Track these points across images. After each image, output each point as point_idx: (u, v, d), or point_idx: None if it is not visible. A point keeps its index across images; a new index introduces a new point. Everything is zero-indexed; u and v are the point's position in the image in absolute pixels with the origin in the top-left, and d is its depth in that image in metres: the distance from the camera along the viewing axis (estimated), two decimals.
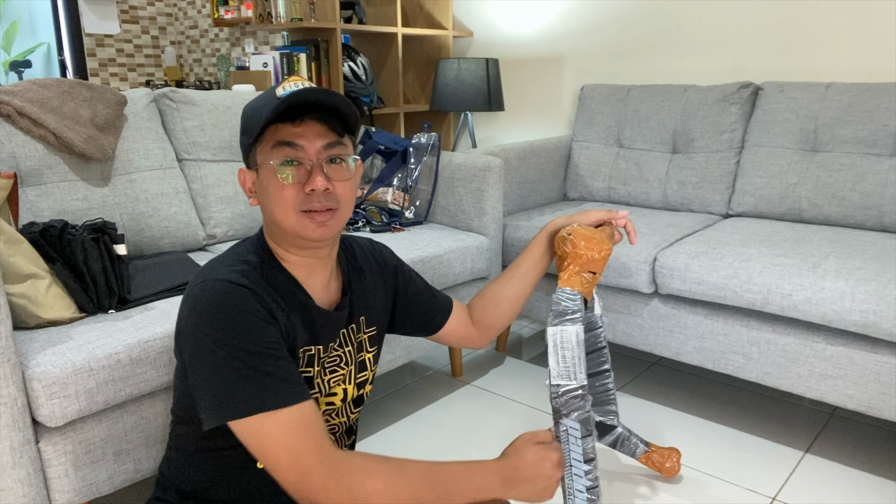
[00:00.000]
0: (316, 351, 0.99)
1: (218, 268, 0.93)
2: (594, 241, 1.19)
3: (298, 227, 0.93)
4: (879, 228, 2.03)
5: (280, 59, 2.92)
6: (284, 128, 0.92)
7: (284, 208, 0.92)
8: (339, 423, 1.07)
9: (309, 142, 0.92)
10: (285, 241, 0.97)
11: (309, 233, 0.93)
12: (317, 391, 1.01)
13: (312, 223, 0.93)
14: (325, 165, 0.93)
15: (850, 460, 1.75)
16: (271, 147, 0.92)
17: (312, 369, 0.99)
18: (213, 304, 0.87)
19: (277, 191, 0.92)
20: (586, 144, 2.66)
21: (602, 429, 1.62)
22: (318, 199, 0.92)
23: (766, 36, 2.47)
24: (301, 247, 0.97)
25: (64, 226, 1.43)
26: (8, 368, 1.15)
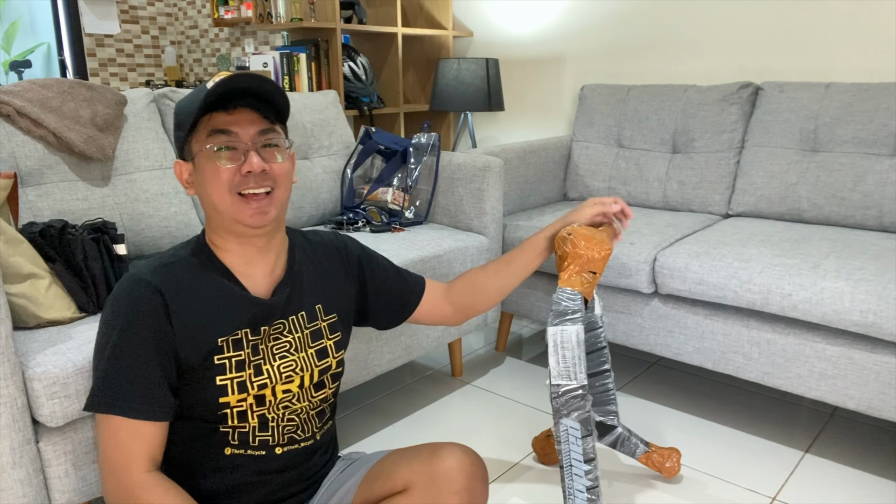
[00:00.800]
0: (243, 335, 1.00)
1: (143, 264, 0.99)
2: (594, 241, 1.19)
3: (235, 210, 0.96)
4: (879, 228, 2.03)
5: (280, 59, 2.92)
6: (218, 116, 0.95)
7: (221, 191, 0.95)
8: (302, 408, 1.07)
9: (242, 128, 0.95)
10: (223, 229, 1.00)
11: (245, 217, 0.96)
12: (265, 377, 1.02)
13: (249, 208, 0.96)
14: (259, 149, 0.96)
15: (850, 460, 1.75)
16: (206, 136, 0.95)
17: (242, 352, 1.00)
18: (113, 297, 0.95)
19: (214, 175, 0.95)
20: (586, 144, 2.66)
21: (602, 429, 1.62)
22: (254, 179, 0.95)
23: (766, 36, 2.47)
24: (239, 234, 0.99)
25: (64, 226, 1.43)
26: (8, 368, 1.15)
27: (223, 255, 1.02)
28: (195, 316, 0.97)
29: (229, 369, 0.99)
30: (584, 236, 1.19)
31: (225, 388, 0.98)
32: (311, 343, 1.08)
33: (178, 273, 0.98)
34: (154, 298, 0.94)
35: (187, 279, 0.98)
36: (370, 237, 2.03)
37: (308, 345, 1.08)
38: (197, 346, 0.96)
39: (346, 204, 2.27)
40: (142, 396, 0.92)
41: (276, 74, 2.94)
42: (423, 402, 2.09)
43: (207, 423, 1.00)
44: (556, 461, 1.28)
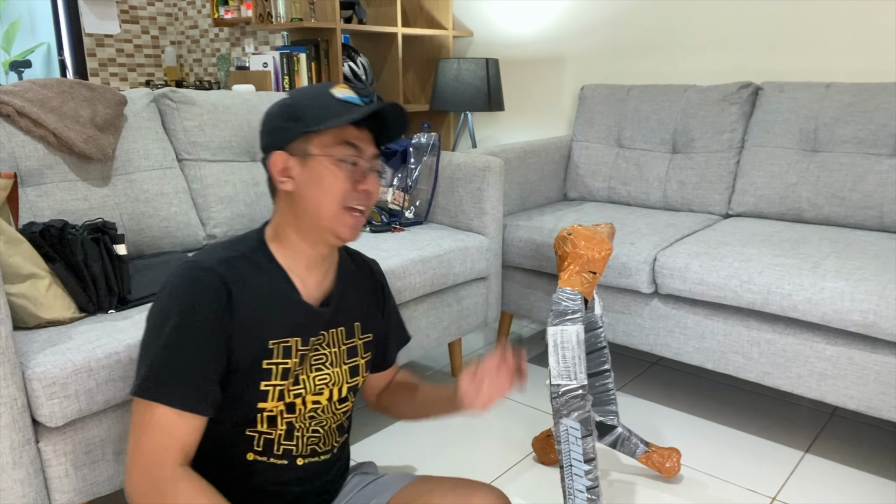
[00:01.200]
0: (293, 343, 1.00)
1: (208, 252, 0.98)
2: (594, 241, 1.19)
3: (337, 221, 0.98)
4: (879, 228, 2.03)
5: (280, 59, 2.92)
6: (349, 130, 0.98)
7: (332, 200, 0.97)
8: (326, 419, 1.08)
9: (366, 147, 1.00)
10: (304, 231, 1.00)
11: (344, 230, 0.98)
12: (301, 387, 1.02)
13: (350, 222, 0.98)
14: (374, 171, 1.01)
15: (850, 460, 1.75)
16: (335, 143, 0.97)
17: (290, 361, 1.00)
18: (178, 283, 0.93)
19: (332, 182, 0.96)
20: (586, 144, 2.66)
21: (602, 429, 1.62)
22: (363, 198, 0.99)
23: (766, 36, 2.47)
24: (319, 240, 1.01)
25: (64, 226, 1.43)
26: (8, 368, 1.15)
27: (284, 257, 1.02)
28: (253, 314, 0.96)
29: (275, 376, 0.98)
30: (584, 236, 1.19)
31: (266, 394, 0.98)
32: (346, 359, 1.09)
33: (242, 268, 0.98)
34: (220, 290, 0.93)
35: (251, 277, 0.98)
36: (370, 237, 2.03)
37: (343, 361, 1.08)
38: (250, 346, 0.96)
39: None
40: (190, 387, 0.90)
41: (275, 74, 2.94)
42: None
43: (236, 425, 1.00)
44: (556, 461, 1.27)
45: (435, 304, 2.00)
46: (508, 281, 2.30)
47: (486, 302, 2.19)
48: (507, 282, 2.30)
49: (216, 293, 0.93)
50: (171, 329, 0.91)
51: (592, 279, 1.21)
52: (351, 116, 0.95)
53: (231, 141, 2.02)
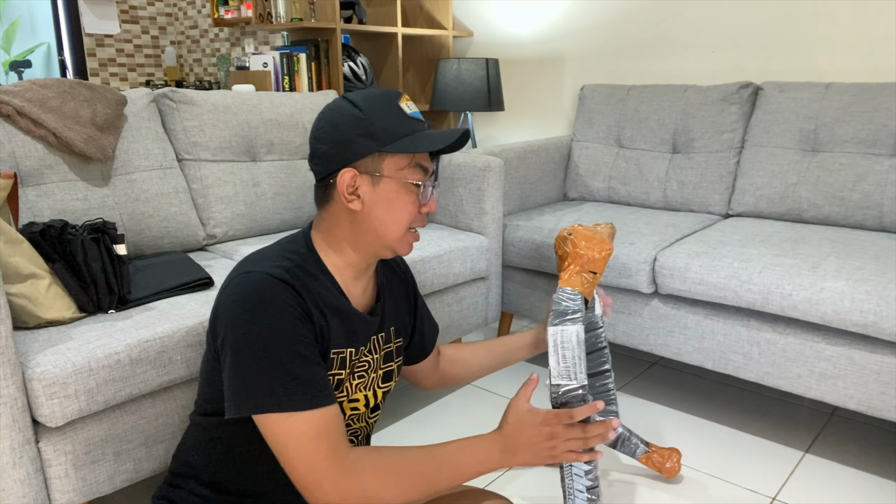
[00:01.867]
0: (348, 353, 1.00)
1: (262, 260, 0.95)
2: (595, 241, 1.18)
3: (400, 242, 1.00)
4: (879, 228, 2.03)
5: (280, 59, 2.92)
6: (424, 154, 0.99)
7: (401, 223, 0.98)
8: (360, 428, 1.08)
9: (430, 167, 1.01)
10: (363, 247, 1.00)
11: (404, 249, 1.00)
12: (344, 394, 1.02)
13: (412, 240, 1.01)
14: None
15: (850, 460, 1.75)
16: (408, 165, 0.97)
17: (343, 371, 1.00)
18: (253, 296, 0.89)
19: (405, 206, 0.97)
20: (586, 144, 2.66)
21: None
22: (425, 219, 1.02)
23: (766, 36, 2.47)
24: (375, 255, 1.02)
25: (64, 226, 1.43)
26: (8, 368, 1.15)
27: (333, 266, 1.01)
28: (320, 324, 0.95)
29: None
30: (584, 236, 1.19)
31: None
32: (382, 364, 1.09)
33: (301, 276, 0.95)
34: (296, 296, 0.92)
35: (309, 284, 0.96)
36: None
37: (380, 366, 1.08)
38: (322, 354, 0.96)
39: None
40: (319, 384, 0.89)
41: (275, 74, 2.94)
42: (424, 402, 2.09)
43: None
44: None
45: (435, 304, 2.00)
46: (508, 281, 2.30)
47: (485, 302, 2.19)
48: (506, 282, 2.30)
49: (294, 299, 0.91)
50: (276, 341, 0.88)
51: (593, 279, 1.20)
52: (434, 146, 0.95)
53: (231, 141, 2.02)
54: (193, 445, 1.04)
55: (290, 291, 0.91)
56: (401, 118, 0.96)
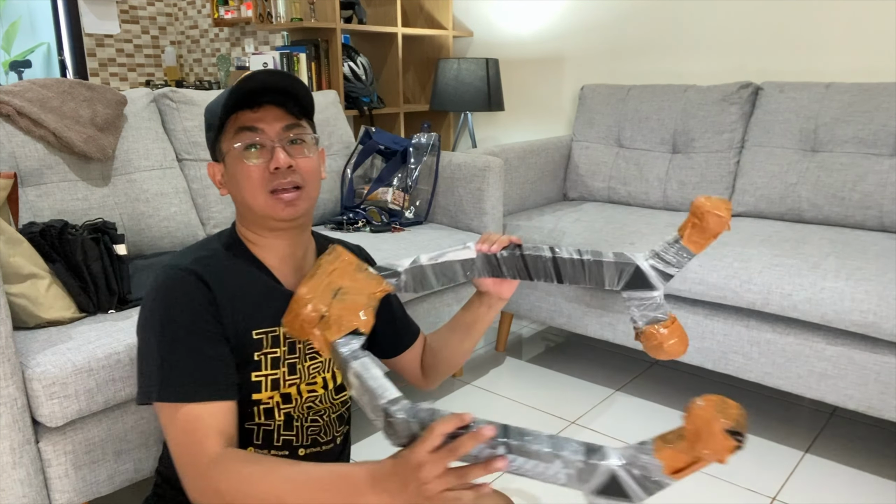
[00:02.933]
0: (280, 332, 1.00)
1: (181, 255, 0.99)
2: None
3: (268, 208, 0.97)
4: (879, 228, 2.03)
5: (280, 59, 2.92)
6: (244, 114, 0.97)
7: (253, 190, 0.96)
8: (325, 409, 1.07)
9: (268, 125, 0.97)
10: (257, 225, 1.01)
11: (278, 212, 0.97)
12: (297, 377, 1.02)
13: (281, 202, 0.96)
14: (286, 145, 0.98)
15: (850, 460, 1.75)
16: (233, 134, 0.97)
17: (279, 350, 1.00)
18: (156, 288, 0.93)
19: (244, 174, 0.96)
20: (586, 144, 2.66)
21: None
22: (283, 175, 0.96)
23: (766, 36, 2.47)
24: (272, 228, 1.00)
25: (64, 226, 1.43)
26: (8, 368, 1.15)
27: (257, 249, 1.03)
28: (235, 307, 0.96)
29: (265, 366, 0.98)
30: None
31: (259, 384, 0.98)
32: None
33: (219, 266, 0.98)
34: (202, 288, 0.93)
35: (227, 272, 0.98)
36: (370, 237, 2.03)
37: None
38: (236, 339, 0.96)
39: (346, 204, 2.27)
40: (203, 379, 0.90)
41: None
42: (424, 402, 2.09)
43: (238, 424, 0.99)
44: None
45: (435, 305, 2.00)
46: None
47: None
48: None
49: (196, 287, 0.93)
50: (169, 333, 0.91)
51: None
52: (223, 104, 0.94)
53: None
54: (166, 453, 1.05)
55: (192, 280, 0.93)
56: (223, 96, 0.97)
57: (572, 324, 2.16)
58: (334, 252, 0.97)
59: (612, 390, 2.15)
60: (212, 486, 0.84)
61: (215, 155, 1.01)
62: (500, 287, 1.07)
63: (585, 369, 2.31)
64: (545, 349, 2.49)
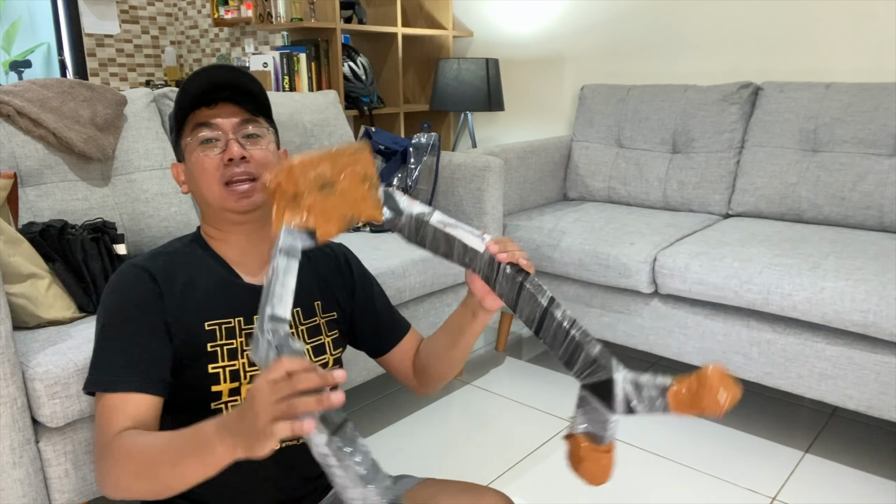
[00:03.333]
0: (236, 322, 1.01)
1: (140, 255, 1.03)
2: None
3: (223, 200, 0.99)
4: (879, 228, 2.03)
5: (280, 59, 2.92)
6: (200, 112, 1.00)
7: (208, 183, 0.99)
8: None
9: (224, 119, 1.00)
10: (216, 219, 1.03)
11: (232, 203, 0.98)
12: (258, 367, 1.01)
13: (235, 194, 0.98)
14: (241, 139, 1.00)
15: (850, 460, 1.75)
16: (191, 131, 1.00)
17: (235, 341, 1.00)
18: (108, 284, 0.98)
19: (199, 166, 0.99)
20: (586, 144, 2.66)
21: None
22: (236, 165, 0.98)
23: (766, 36, 2.47)
24: (232, 221, 1.02)
25: (64, 226, 1.43)
26: (8, 368, 1.15)
27: (218, 245, 1.05)
28: (188, 300, 0.98)
29: (221, 357, 0.98)
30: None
31: (217, 376, 0.98)
32: (307, 339, 1.08)
33: (173, 261, 1.01)
34: (146, 282, 0.96)
35: (181, 266, 1.01)
36: (370, 237, 2.03)
37: (305, 340, 1.07)
38: (190, 332, 0.97)
39: None
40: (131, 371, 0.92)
41: (276, 74, 2.94)
42: (424, 402, 2.09)
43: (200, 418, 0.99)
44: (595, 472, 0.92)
45: (435, 305, 2.00)
46: None
47: None
48: None
49: (140, 282, 0.96)
50: (105, 324, 0.95)
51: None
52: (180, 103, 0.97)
53: None
54: None
55: (136, 274, 0.97)
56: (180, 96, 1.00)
57: None
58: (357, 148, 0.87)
59: None
60: (106, 467, 0.85)
61: (178, 155, 1.04)
62: (487, 296, 0.98)
63: None
64: (545, 349, 2.49)
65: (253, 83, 1.01)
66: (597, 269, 2.01)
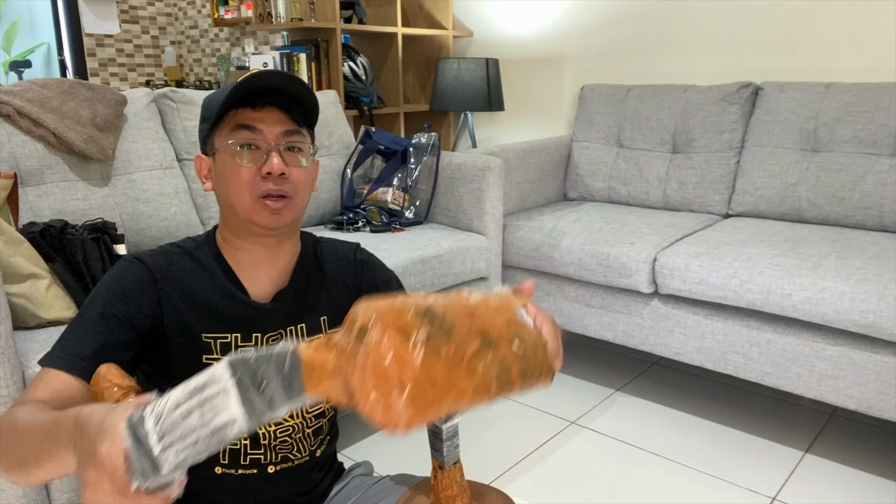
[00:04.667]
0: (233, 339, 0.96)
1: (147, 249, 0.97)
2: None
3: (252, 212, 0.92)
4: (879, 228, 2.03)
5: (280, 59, 2.92)
6: (244, 112, 0.92)
7: (240, 191, 0.92)
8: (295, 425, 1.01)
9: (268, 126, 0.92)
10: (237, 227, 0.96)
11: (262, 218, 0.92)
12: None
13: (266, 209, 0.92)
14: (282, 151, 0.93)
15: (850, 460, 1.75)
16: (230, 130, 0.92)
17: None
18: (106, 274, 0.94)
19: (234, 173, 0.92)
20: (586, 144, 2.66)
21: None
22: (273, 181, 0.92)
23: (766, 36, 2.47)
24: (253, 233, 0.96)
25: (64, 226, 1.43)
26: (8, 368, 1.15)
27: (229, 252, 0.99)
28: (186, 308, 0.94)
29: None
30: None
31: None
32: None
33: (178, 262, 0.95)
34: (142, 278, 0.92)
35: (185, 270, 0.95)
36: (370, 237, 2.03)
37: None
38: (185, 339, 0.94)
39: (346, 204, 2.27)
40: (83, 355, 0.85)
41: None
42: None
43: None
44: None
45: None
46: (508, 281, 2.30)
47: None
48: (507, 282, 2.30)
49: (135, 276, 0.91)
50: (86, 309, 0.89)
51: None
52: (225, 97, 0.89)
53: None
54: None
55: (136, 267, 0.92)
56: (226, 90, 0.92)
57: (572, 324, 2.16)
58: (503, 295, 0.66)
59: (612, 390, 2.15)
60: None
61: (205, 148, 0.98)
62: None
63: (585, 369, 2.31)
64: None
65: (304, 90, 0.93)
66: (597, 269, 2.01)
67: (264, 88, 0.92)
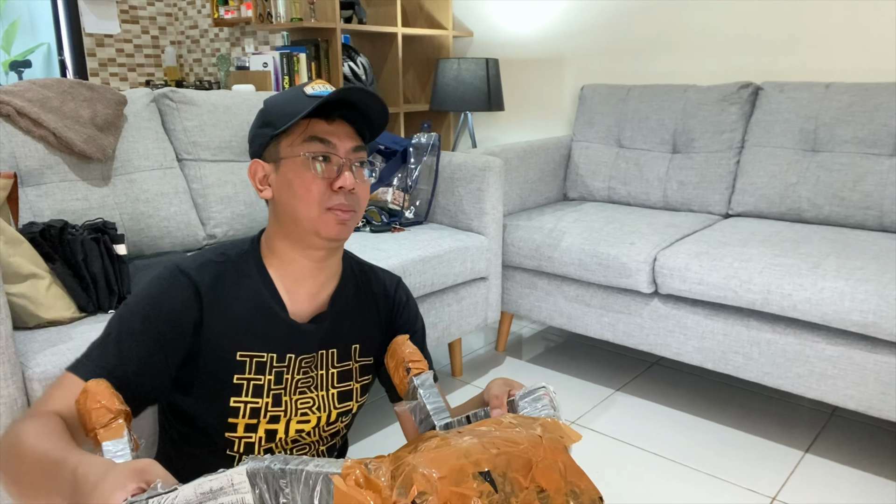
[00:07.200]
0: (268, 359, 0.95)
1: (192, 256, 0.96)
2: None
3: (320, 223, 0.92)
4: (879, 228, 2.03)
5: (280, 59, 2.92)
6: (318, 124, 0.92)
7: (310, 203, 0.91)
8: (312, 443, 1.02)
9: (340, 141, 0.93)
10: (293, 239, 0.95)
11: (329, 230, 0.92)
12: (282, 409, 0.96)
13: (335, 219, 0.92)
14: (354, 166, 0.94)
15: (850, 460, 1.75)
16: (302, 141, 0.92)
17: (263, 377, 0.95)
18: (151, 280, 0.92)
19: (305, 184, 0.91)
20: (586, 144, 2.66)
21: None
22: (344, 196, 0.93)
23: (766, 36, 2.47)
24: (310, 244, 0.95)
25: (64, 226, 1.43)
26: (8, 368, 1.15)
27: (275, 265, 0.97)
28: (226, 323, 0.93)
29: (246, 392, 0.94)
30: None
31: (237, 410, 0.93)
32: (335, 383, 1.02)
33: (222, 275, 0.94)
34: (188, 292, 0.91)
35: (228, 283, 0.94)
36: (370, 237, 2.03)
37: (332, 384, 1.02)
38: (220, 355, 0.92)
39: None
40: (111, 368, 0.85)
41: (275, 74, 2.94)
42: None
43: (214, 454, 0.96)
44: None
45: (435, 304, 2.00)
46: (508, 281, 2.30)
47: (486, 302, 2.19)
48: (507, 282, 2.30)
49: (183, 294, 0.90)
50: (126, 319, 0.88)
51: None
52: (306, 108, 0.89)
53: (231, 141, 2.02)
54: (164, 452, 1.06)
55: (183, 284, 0.91)
56: (296, 99, 0.93)
57: (572, 324, 2.16)
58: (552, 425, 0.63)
59: (612, 390, 2.15)
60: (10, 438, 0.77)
61: (264, 154, 0.96)
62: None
63: (585, 369, 2.31)
64: (545, 349, 2.49)
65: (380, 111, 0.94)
66: (597, 269, 2.01)
67: (343, 102, 0.92)
